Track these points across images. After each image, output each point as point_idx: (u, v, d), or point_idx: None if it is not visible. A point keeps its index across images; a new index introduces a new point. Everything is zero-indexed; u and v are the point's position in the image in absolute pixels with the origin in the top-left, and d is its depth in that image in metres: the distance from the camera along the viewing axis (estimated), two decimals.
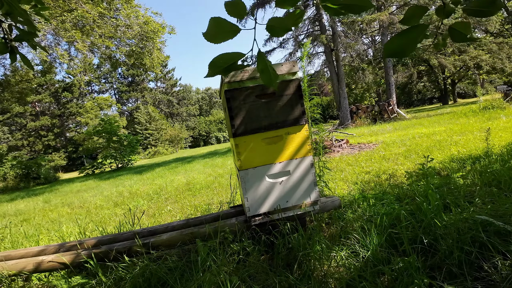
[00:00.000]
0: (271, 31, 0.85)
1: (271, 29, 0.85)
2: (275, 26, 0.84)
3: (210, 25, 0.83)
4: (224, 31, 0.84)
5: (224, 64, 0.86)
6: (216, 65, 0.86)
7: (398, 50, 0.79)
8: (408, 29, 0.78)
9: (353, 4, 0.80)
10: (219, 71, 0.87)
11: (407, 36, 0.78)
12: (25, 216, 5.64)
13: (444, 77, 29.79)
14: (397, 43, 0.79)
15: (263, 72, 0.88)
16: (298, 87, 2.01)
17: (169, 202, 4.68)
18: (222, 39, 0.85)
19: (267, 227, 2.05)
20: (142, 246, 1.99)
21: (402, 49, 0.78)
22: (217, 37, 0.84)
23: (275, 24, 0.84)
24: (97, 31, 11.90)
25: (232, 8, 0.82)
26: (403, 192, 2.62)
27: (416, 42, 0.77)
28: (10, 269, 2.00)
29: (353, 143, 7.87)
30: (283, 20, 0.83)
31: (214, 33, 0.84)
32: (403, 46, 0.78)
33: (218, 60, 0.86)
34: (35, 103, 36.43)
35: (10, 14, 1.34)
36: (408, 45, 0.78)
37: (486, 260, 1.48)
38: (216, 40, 0.85)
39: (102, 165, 17.66)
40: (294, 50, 17.74)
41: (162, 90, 51.12)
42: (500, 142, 4.20)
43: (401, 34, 0.78)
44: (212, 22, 0.83)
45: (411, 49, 0.78)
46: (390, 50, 0.79)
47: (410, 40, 0.78)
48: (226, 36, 0.84)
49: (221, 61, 0.86)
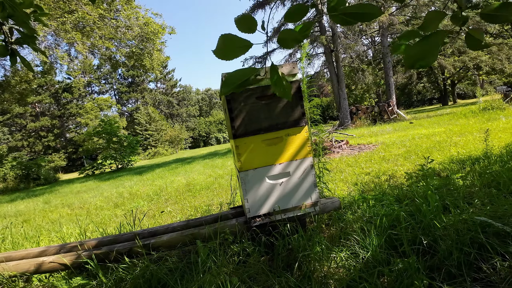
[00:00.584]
0: (283, 44, 0.83)
1: (283, 41, 0.83)
2: (286, 39, 0.83)
3: (220, 42, 0.81)
4: (235, 47, 0.82)
5: (238, 81, 0.84)
6: (230, 83, 0.84)
7: (420, 58, 0.75)
8: (429, 36, 0.74)
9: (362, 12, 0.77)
10: (233, 88, 0.84)
11: (428, 43, 0.73)
12: (25, 217, 5.64)
13: (444, 78, 29.83)
14: (418, 51, 0.74)
15: (276, 84, 0.86)
16: (298, 89, 2.02)
17: (169, 203, 4.68)
18: (234, 56, 0.82)
19: (267, 228, 2.05)
20: (143, 247, 2.00)
21: (424, 57, 0.74)
22: (229, 54, 0.82)
23: (286, 36, 0.82)
24: (97, 33, 11.93)
25: (243, 23, 0.81)
26: (402, 193, 2.63)
27: (438, 49, 0.73)
28: (11, 270, 2.00)
29: (353, 144, 7.88)
30: (293, 32, 0.82)
31: (225, 50, 0.82)
32: (425, 53, 0.74)
33: (232, 77, 0.84)
34: (35, 104, 36.44)
35: (12, 17, 1.35)
36: (431, 51, 0.74)
37: (485, 261, 1.49)
38: (228, 57, 0.83)
39: (102, 166, 17.67)
40: (294, 51, 17.77)
41: (162, 91, 51.15)
42: (500, 143, 4.21)
43: (422, 41, 0.74)
44: (222, 39, 0.81)
45: (433, 56, 0.73)
46: (411, 59, 0.75)
47: (432, 46, 0.73)
48: (238, 52, 0.82)
49: (235, 78, 0.83)
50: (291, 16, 0.82)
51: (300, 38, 0.83)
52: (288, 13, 0.82)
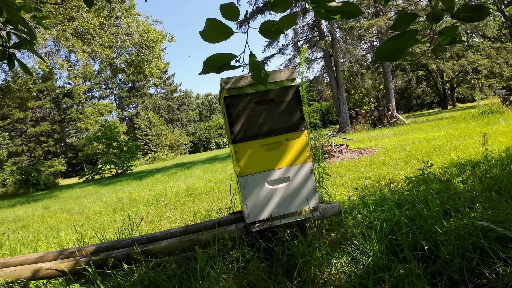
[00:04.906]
0: (264, 34, 0.90)
1: (264, 32, 0.90)
2: (268, 29, 0.89)
3: (206, 25, 0.88)
4: (219, 32, 0.89)
5: (217, 63, 0.91)
6: (210, 64, 0.91)
7: (389, 53, 0.82)
8: (399, 34, 0.81)
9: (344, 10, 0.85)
10: (212, 69, 0.91)
11: (398, 40, 0.81)
12: (24, 223, 5.61)
13: (443, 81, 29.93)
14: (388, 47, 0.82)
15: (254, 71, 0.94)
16: (297, 93, 2.02)
17: (169, 208, 4.66)
18: (216, 40, 0.89)
19: (266, 234, 2.03)
20: (141, 253, 1.98)
21: (393, 53, 0.82)
22: (212, 37, 0.89)
23: (268, 27, 0.89)
24: (97, 40, 12.00)
25: (227, 11, 0.87)
26: (403, 197, 2.61)
27: (407, 46, 0.81)
28: (8, 276, 1.98)
29: (352, 148, 7.87)
30: (275, 22, 0.89)
31: (209, 33, 0.89)
32: (394, 49, 0.82)
33: (212, 59, 0.91)
34: (35, 109, 36.53)
35: (9, 22, 1.35)
36: (399, 49, 0.81)
37: (487, 266, 1.47)
38: (211, 40, 0.89)
39: (101, 171, 17.64)
40: (293, 55, 17.86)
41: (162, 96, 51.31)
42: (500, 146, 4.20)
43: (392, 39, 0.81)
44: (208, 22, 0.88)
45: (401, 53, 0.81)
46: (381, 53, 0.83)
47: (401, 44, 0.81)
48: (220, 37, 0.89)
49: (215, 61, 0.91)
50: (276, 5, 0.89)
51: (281, 28, 0.90)
52: (274, 2, 0.88)
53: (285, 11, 0.90)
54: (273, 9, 0.90)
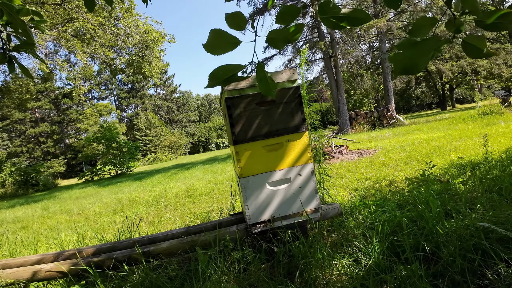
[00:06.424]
0: (272, 43, 0.85)
1: (272, 41, 0.85)
2: (275, 38, 0.85)
3: (210, 36, 0.83)
4: (224, 43, 0.84)
5: (224, 76, 0.86)
6: (216, 77, 0.86)
7: (409, 65, 0.72)
8: (420, 42, 0.71)
9: (352, 17, 0.78)
10: (219, 82, 0.87)
11: (418, 49, 0.70)
12: (23, 224, 5.59)
13: (442, 82, 29.98)
14: (407, 58, 0.71)
15: (262, 81, 0.89)
16: (298, 95, 2.02)
17: (169, 209, 4.65)
18: (222, 51, 0.85)
19: (267, 235, 2.03)
20: (142, 255, 1.98)
21: (414, 64, 0.71)
22: (217, 49, 0.85)
23: (275, 36, 0.84)
24: (97, 41, 12.00)
25: (233, 20, 0.83)
26: (404, 198, 2.61)
27: (429, 56, 0.70)
28: (8, 277, 1.98)
29: (352, 149, 7.88)
30: (283, 32, 0.84)
31: (214, 44, 0.84)
32: (415, 60, 0.71)
33: (218, 72, 0.86)
34: (35, 109, 36.47)
35: (9, 24, 1.35)
36: (421, 59, 0.70)
37: (489, 267, 1.47)
38: (216, 52, 0.85)
39: (101, 171, 17.61)
40: (293, 56, 17.89)
41: (161, 97, 51.29)
42: (499, 147, 4.21)
43: (411, 48, 0.71)
44: (213, 34, 0.83)
45: (423, 64, 0.70)
46: (400, 65, 0.72)
47: (423, 54, 0.70)
48: (226, 48, 0.84)
49: (221, 73, 0.86)
50: (282, 18, 0.84)
51: (290, 39, 0.84)
52: (279, 14, 0.84)
53: (290, 24, 0.85)
54: (278, 22, 0.85)
